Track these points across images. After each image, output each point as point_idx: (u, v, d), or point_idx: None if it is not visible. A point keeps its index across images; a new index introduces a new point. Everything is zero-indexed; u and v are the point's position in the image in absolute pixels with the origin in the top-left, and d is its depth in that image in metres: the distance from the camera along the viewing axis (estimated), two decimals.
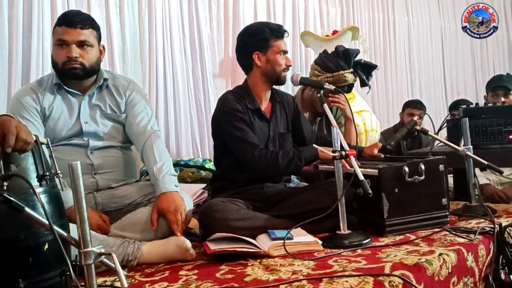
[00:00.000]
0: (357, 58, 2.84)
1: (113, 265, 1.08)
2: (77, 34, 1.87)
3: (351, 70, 2.76)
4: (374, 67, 2.84)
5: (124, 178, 2.04)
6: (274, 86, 2.29)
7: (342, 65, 2.75)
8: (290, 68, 2.24)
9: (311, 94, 2.81)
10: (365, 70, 2.81)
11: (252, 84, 2.22)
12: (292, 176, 2.48)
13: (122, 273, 1.07)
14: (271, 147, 2.18)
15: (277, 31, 2.19)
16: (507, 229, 1.83)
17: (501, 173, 2.23)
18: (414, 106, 3.91)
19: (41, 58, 2.74)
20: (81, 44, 1.89)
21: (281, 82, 2.23)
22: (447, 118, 2.55)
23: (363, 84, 2.85)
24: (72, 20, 1.88)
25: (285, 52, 2.21)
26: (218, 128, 2.19)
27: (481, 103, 2.70)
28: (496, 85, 3.49)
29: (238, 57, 2.26)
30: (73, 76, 1.91)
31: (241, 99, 2.16)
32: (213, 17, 3.57)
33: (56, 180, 1.28)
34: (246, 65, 2.23)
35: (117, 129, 2.04)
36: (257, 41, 2.18)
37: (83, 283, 1.08)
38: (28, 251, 1.13)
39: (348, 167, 1.88)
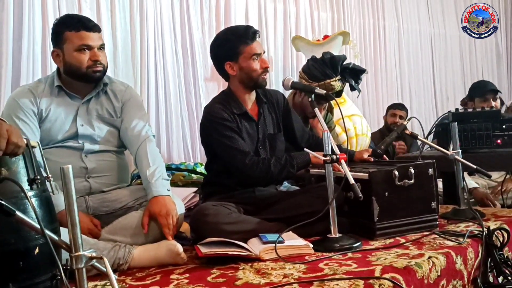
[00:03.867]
0: (346, 62, 2.84)
1: (104, 269, 1.08)
2: (97, 38, 1.93)
3: (338, 77, 2.76)
4: (362, 71, 2.84)
5: (117, 182, 2.04)
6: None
7: (329, 74, 2.74)
8: (268, 69, 2.14)
9: (301, 100, 2.81)
10: (354, 74, 2.81)
11: (234, 90, 2.19)
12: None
13: (113, 277, 1.07)
14: (261, 149, 2.18)
15: (244, 36, 2.09)
16: (495, 232, 1.85)
17: (489, 177, 2.26)
18: (396, 107, 3.97)
19: (32, 62, 2.73)
20: (101, 48, 1.95)
21: (260, 86, 2.17)
22: (436, 123, 2.58)
23: (352, 89, 2.86)
24: (90, 25, 1.92)
25: (258, 55, 2.10)
26: (207, 137, 2.19)
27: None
28: (485, 90, 3.53)
29: (215, 68, 2.23)
30: (96, 78, 1.96)
31: (227, 105, 2.13)
32: (204, 21, 3.58)
33: (47, 184, 1.28)
34: (223, 75, 2.20)
35: (112, 133, 2.04)
36: (225, 51, 2.12)
37: (74, 287, 1.07)
38: (19, 255, 1.13)
39: (340, 168, 1.88)
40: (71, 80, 1.96)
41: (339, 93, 2.85)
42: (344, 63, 2.82)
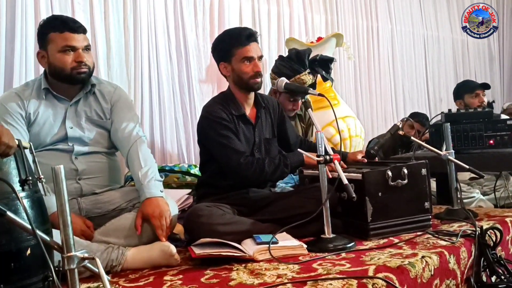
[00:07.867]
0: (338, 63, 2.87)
1: (97, 270, 1.08)
2: (82, 39, 1.92)
3: (308, 71, 2.77)
4: (331, 60, 2.87)
5: (109, 184, 2.03)
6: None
7: (297, 68, 2.75)
8: (259, 74, 2.10)
9: (278, 98, 2.81)
10: (323, 65, 2.85)
11: (233, 91, 2.21)
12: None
13: (106, 277, 1.06)
14: (257, 153, 2.18)
15: (237, 38, 2.11)
16: (488, 232, 1.86)
17: (482, 177, 2.26)
18: (413, 117, 3.88)
19: (24, 63, 2.71)
20: (86, 49, 1.93)
21: (252, 89, 2.17)
22: (429, 124, 2.59)
23: (325, 79, 2.88)
24: (75, 26, 1.91)
25: (249, 58, 2.10)
26: (203, 135, 2.19)
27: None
28: (474, 85, 3.54)
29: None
30: (81, 80, 1.94)
31: (226, 106, 2.15)
32: (198, 24, 3.58)
33: (39, 185, 1.27)
34: (222, 74, 2.24)
35: (102, 134, 2.03)
36: (220, 51, 2.17)
37: None
38: (10, 256, 1.12)
39: (330, 175, 1.89)
40: (57, 82, 1.95)
41: (312, 86, 2.86)
42: (311, 57, 2.85)
